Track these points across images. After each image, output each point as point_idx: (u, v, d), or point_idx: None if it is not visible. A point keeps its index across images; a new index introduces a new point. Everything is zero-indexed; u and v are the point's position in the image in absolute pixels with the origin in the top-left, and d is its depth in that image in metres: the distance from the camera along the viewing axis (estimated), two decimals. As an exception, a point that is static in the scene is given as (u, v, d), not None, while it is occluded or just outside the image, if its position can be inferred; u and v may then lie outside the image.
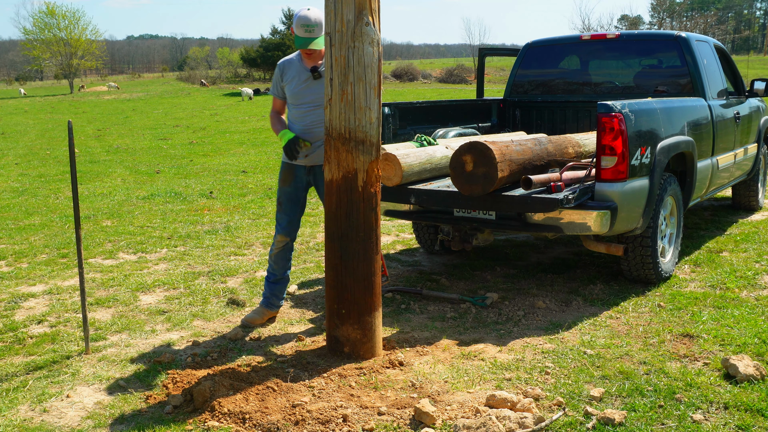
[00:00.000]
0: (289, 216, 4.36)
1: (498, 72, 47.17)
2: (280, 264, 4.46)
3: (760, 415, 3.01)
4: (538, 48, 6.76)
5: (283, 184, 4.36)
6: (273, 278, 4.47)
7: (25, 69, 71.74)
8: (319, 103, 4.12)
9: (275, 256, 4.45)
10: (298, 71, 4.20)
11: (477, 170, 4.26)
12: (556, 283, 5.10)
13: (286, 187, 4.35)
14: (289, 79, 4.22)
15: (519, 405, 3.07)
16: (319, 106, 4.12)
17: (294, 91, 4.21)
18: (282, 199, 4.38)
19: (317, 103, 4.13)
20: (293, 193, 4.33)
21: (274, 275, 4.47)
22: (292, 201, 4.34)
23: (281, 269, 4.47)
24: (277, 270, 4.46)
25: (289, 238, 4.41)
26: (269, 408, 3.15)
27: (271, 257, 4.47)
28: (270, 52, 47.76)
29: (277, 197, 4.43)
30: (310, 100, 4.17)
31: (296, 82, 4.19)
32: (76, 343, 4.09)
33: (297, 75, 4.20)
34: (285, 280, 4.51)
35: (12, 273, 5.62)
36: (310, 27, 4.00)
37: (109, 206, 8.47)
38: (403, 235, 6.82)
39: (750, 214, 7.34)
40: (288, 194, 4.34)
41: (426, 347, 3.90)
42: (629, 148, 4.37)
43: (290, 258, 4.51)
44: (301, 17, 4.00)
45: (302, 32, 4.01)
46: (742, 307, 4.41)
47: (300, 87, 4.19)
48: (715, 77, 6.14)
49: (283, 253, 4.44)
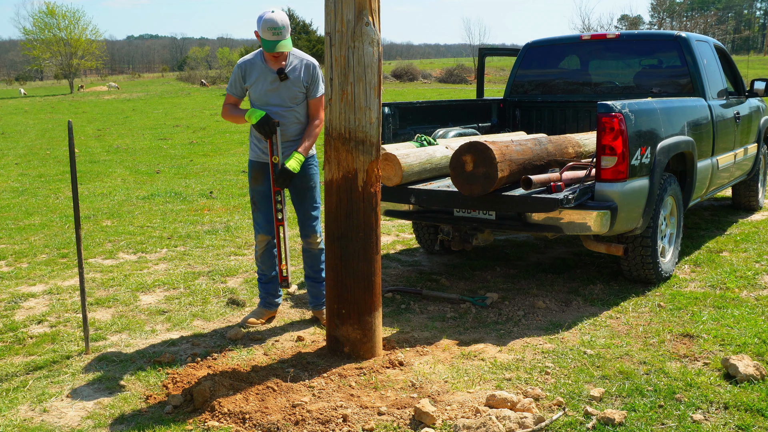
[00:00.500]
0: (265, 214, 4.31)
1: (498, 72, 47.17)
2: (267, 263, 4.43)
3: (760, 415, 3.01)
4: (538, 48, 6.76)
5: (255, 183, 4.29)
6: (264, 278, 4.46)
7: (25, 69, 71.74)
8: (286, 106, 4.10)
9: (261, 257, 4.42)
10: (263, 73, 4.11)
11: (477, 170, 4.26)
12: (556, 283, 5.10)
13: (258, 186, 4.27)
14: (252, 80, 4.14)
15: (519, 405, 3.07)
16: (287, 108, 4.11)
17: (260, 93, 4.13)
18: (256, 198, 4.32)
19: (285, 105, 4.11)
20: (267, 191, 4.25)
21: (265, 275, 4.46)
22: (266, 199, 4.27)
23: (270, 268, 4.44)
24: (266, 270, 4.44)
25: (270, 236, 4.36)
26: (269, 408, 3.15)
27: (257, 258, 4.45)
28: (270, 52, 47.72)
29: (251, 197, 4.38)
30: (277, 103, 4.11)
31: (262, 84, 4.11)
32: (76, 343, 4.09)
33: (262, 77, 4.11)
34: (277, 276, 4.46)
35: (12, 273, 5.62)
36: (278, 30, 3.93)
37: (109, 206, 8.47)
38: (403, 235, 6.82)
39: (750, 214, 7.34)
40: (261, 193, 4.27)
41: (426, 347, 3.90)
42: (629, 148, 4.37)
43: (276, 255, 4.44)
44: (267, 20, 3.93)
45: (270, 35, 3.94)
46: (742, 307, 4.41)
47: (266, 89, 4.11)
48: (715, 77, 6.14)
49: (267, 252, 4.41)
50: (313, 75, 4.14)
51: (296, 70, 4.12)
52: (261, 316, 4.41)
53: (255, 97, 4.17)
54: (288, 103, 4.11)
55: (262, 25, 3.95)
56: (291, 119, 4.14)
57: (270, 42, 3.96)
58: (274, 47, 3.96)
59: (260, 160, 4.23)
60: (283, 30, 3.96)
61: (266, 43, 3.97)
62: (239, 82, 4.20)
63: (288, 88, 4.09)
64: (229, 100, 4.28)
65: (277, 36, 3.96)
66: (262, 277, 4.47)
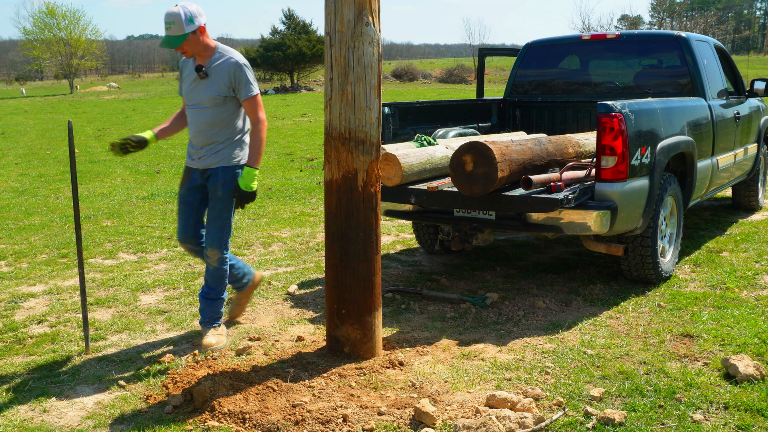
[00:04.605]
0: (182, 220, 4.04)
1: (498, 72, 47.18)
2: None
3: (760, 415, 3.01)
4: (538, 48, 6.76)
5: (180, 187, 4.09)
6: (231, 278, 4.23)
7: (25, 69, 71.73)
8: (204, 106, 3.84)
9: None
10: (191, 70, 3.89)
11: (477, 170, 4.26)
12: (556, 283, 5.10)
13: (180, 189, 4.07)
14: (183, 77, 3.94)
15: (519, 405, 3.07)
16: (206, 108, 3.84)
17: (186, 90, 3.93)
18: (178, 201, 4.11)
19: (204, 105, 3.84)
20: (186, 196, 4.02)
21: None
22: (184, 203, 4.02)
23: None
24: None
25: (189, 244, 4.06)
26: (269, 408, 3.15)
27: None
28: (270, 52, 47.70)
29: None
30: (198, 102, 3.86)
31: (188, 81, 3.90)
32: (76, 343, 4.09)
33: (190, 74, 3.90)
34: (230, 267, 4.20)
35: (12, 273, 5.62)
36: (167, 24, 3.69)
37: (109, 206, 8.47)
38: (403, 235, 6.82)
39: (750, 214, 7.34)
40: (181, 196, 4.05)
41: (426, 347, 3.90)
42: (629, 148, 4.37)
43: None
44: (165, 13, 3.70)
45: (165, 30, 3.69)
46: (742, 307, 4.41)
47: (190, 87, 3.89)
48: (715, 77, 6.14)
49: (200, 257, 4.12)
50: (236, 75, 3.81)
51: (218, 68, 3.82)
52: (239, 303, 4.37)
53: (183, 94, 3.98)
54: (206, 103, 3.83)
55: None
56: (209, 120, 3.85)
57: (163, 37, 3.74)
58: (163, 43, 3.74)
59: (187, 165, 4.03)
60: (173, 25, 3.67)
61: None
62: (180, 80, 4.01)
63: (208, 87, 3.82)
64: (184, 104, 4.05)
65: (167, 30, 3.70)
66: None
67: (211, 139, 3.88)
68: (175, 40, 3.70)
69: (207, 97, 3.82)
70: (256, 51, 50.01)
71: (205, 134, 3.88)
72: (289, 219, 7.51)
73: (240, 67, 3.82)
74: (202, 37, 3.79)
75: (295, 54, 47.38)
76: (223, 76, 3.81)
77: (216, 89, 3.82)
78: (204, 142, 3.90)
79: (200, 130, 3.89)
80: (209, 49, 3.85)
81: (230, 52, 3.89)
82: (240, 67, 3.82)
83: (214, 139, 3.89)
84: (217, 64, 3.83)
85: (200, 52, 3.82)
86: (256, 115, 3.87)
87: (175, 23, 3.67)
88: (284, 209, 8.07)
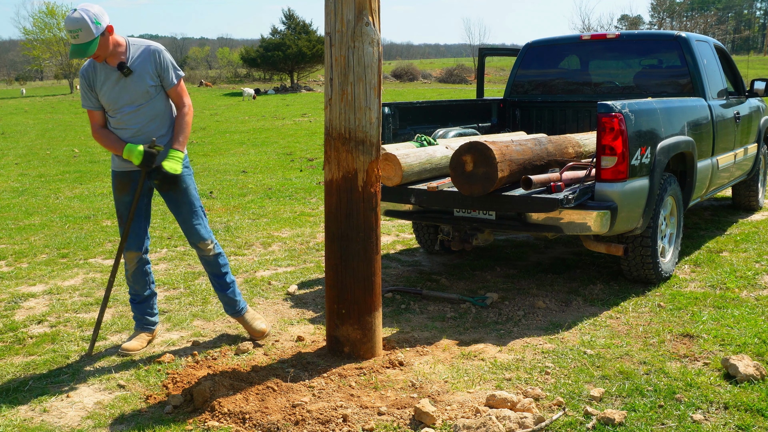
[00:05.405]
0: (133, 229, 3.87)
1: (498, 72, 47.19)
2: (140, 282, 4.00)
3: (760, 415, 3.01)
4: (538, 48, 6.76)
5: (120, 194, 3.84)
6: (138, 299, 4.03)
7: (25, 69, 71.77)
8: (139, 103, 3.69)
9: (132, 276, 3.97)
10: (107, 74, 3.66)
11: (477, 170, 4.26)
12: (556, 283, 5.10)
13: (125, 197, 3.84)
14: (99, 85, 3.67)
15: (519, 405, 3.07)
16: (140, 105, 3.69)
17: (109, 96, 3.67)
18: (122, 211, 3.86)
19: (137, 102, 3.68)
20: (133, 202, 3.81)
21: (138, 295, 4.03)
22: (135, 210, 3.83)
23: (143, 287, 4.01)
24: (139, 289, 4.01)
25: (140, 252, 3.92)
26: (269, 408, 3.15)
27: (128, 278, 3.99)
28: (270, 52, 47.74)
29: (116, 210, 3.90)
30: (129, 101, 3.67)
31: (108, 86, 3.66)
32: (76, 343, 4.09)
33: (106, 78, 3.66)
34: (152, 295, 4.08)
35: (12, 273, 5.62)
36: (74, 32, 3.44)
37: (109, 206, 8.47)
38: (403, 235, 6.82)
39: (750, 214, 7.34)
40: (127, 204, 3.84)
41: (426, 347, 3.90)
42: (629, 148, 4.37)
43: (150, 272, 4.04)
44: (65, 21, 3.47)
45: (70, 39, 3.47)
46: (742, 307, 4.41)
47: (113, 90, 3.66)
48: (715, 77, 6.14)
49: (139, 270, 3.96)
50: (162, 62, 3.69)
51: (139, 60, 3.66)
52: (141, 340, 3.99)
53: (106, 102, 3.69)
54: (140, 99, 3.68)
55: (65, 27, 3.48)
56: (147, 116, 3.72)
57: (72, 48, 3.50)
58: (73, 53, 3.50)
59: (124, 169, 3.81)
60: (80, 32, 3.43)
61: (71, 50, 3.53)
62: (88, 92, 3.71)
63: (136, 83, 3.65)
64: (94, 118, 3.77)
65: (75, 38, 3.45)
66: (135, 298, 4.04)
67: (154, 134, 3.74)
68: (87, 47, 3.47)
69: (139, 93, 3.67)
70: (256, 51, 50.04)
71: (145, 131, 3.73)
72: (289, 219, 7.51)
73: (160, 53, 3.71)
74: (112, 36, 3.60)
75: (295, 54, 47.40)
76: (147, 66, 3.68)
77: (147, 82, 3.68)
78: (149, 136, 3.73)
79: (139, 129, 3.72)
80: (121, 46, 3.68)
81: (143, 41, 3.75)
82: (160, 53, 3.71)
83: (158, 134, 3.76)
84: (136, 56, 3.67)
85: (113, 53, 3.64)
86: (183, 99, 3.79)
87: (82, 29, 3.43)
88: (284, 209, 8.07)
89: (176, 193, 3.85)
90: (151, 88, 3.70)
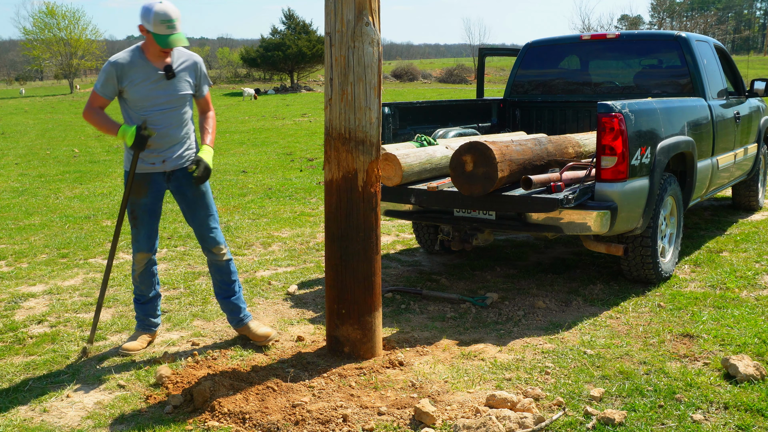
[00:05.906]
0: (147, 230, 3.90)
1: (498, 72, 47.19)
2: (146, 283, 4.01)
3: (760, 415, 3.01)
4: (538, 48, 6.76)
5: (138, 196, 3.83)
6: (143, 299, 4.04)
7: (25, 69, 71.77)
8: (172, 106, 3.76)
9: (140, 277, 3.98)
10: (147, 73, 3.69)
11: (477, 170, 4.26)
12: (556, 283, 5.10)
13: (142, 199, 3.84)
14: (135, 81, 3.68)
15: (519, 405, 3.07)
16: (173, 108, 3.77)
17: (143, 93, 3.70)
18: (138, 212, 3.86)
19: (171, 105, 3.76)
20: (151, 204, 3.87)
21: (144, 296, 4.04)
22: (149, 213, 3.87)
23: (149, 288, 4.03)
24: (145, 290, 4.02)
25: (151, 254, 3.96)
26: (269, 408, 3.15)
27: (135, 279, 4.01)
28: (270, 52, 47.74)
29: (129, 212, 3.87)
30: (163, 102, 3.74)
31: (147, 85, 3.69)
32: (76, 343, 4.09)
33: (146, 77, 3.69)
34: (157, 296, 4.10)
35: (12, 273, 5.62)
36: (172, 23, 3.58)
37: (109, 206, 8.47)
38: (403, 235, 6.82)
39: (750, 214, 7.34)
40: (145, 206, 3.85)
41: (426, 347, 3.90)
42: (629, 148, 4.37)
43: (156, 272, 4.05)
44: (160, 13, 3.54)
45: (163, 29, 3.56)
46: (742, 307, 4.41)
47: (152, 89, 3.70)
48: (715, 77, 6.14)
49: (147, 271, 3.99)
50: (201, 73, 3.89)
51: (183, 67, 3.80)
52: (141, 341, 4.00)
53: (137, 98, 3.71)
54: (174, 103, 3.77)
55: (153, 18, 3.55)
56: (176, 121, 3.80)
57: (164, 36, 3.58)
58: (168, 42, 3.58)
59: (143, 171, 3.82)
60: (176, 22, 3.60)
61: (160, 38, 3.59)
62: (113, 82, 3.69)
63: (174, 87, 3.76)
64: (98, 102, 3.75)
65: (172, 29, 3.59)
66: (140, 298, 4.05)
67: (178, 138, 3.82)
68: (182, 38, 3.64)
69: (176, 97, 3.77)
70: (256, 51, 50.04)
71: (172, 135, 3.80)
72: (289, 219, 7.51)
73: (201, 64, 3.92)
74: None
75: (295, 54, 47.41)
76: (189, 74, 3.83)
77: (184, 88, 3.80)
78: (170, 142, 3.80)
79: (167, 132, 3.77)
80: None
81: (185, 50, 3.86)
82: (201, 64, 3.92)
83: (183, 138, 3.85)
84: (180, 63, 3.79)
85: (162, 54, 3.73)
86: (210, 105, 4.03)
87: (178, 20, 3.61)
88: (284, 209, 8.07)
89: (196, 194, 3.89)
90: (187, 94, 3.84)
